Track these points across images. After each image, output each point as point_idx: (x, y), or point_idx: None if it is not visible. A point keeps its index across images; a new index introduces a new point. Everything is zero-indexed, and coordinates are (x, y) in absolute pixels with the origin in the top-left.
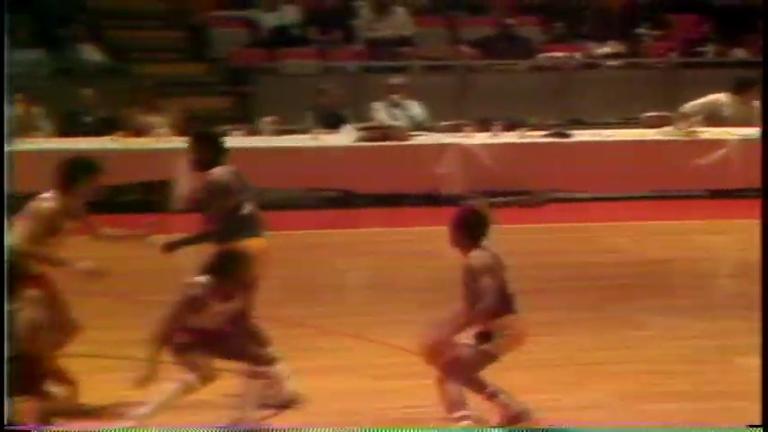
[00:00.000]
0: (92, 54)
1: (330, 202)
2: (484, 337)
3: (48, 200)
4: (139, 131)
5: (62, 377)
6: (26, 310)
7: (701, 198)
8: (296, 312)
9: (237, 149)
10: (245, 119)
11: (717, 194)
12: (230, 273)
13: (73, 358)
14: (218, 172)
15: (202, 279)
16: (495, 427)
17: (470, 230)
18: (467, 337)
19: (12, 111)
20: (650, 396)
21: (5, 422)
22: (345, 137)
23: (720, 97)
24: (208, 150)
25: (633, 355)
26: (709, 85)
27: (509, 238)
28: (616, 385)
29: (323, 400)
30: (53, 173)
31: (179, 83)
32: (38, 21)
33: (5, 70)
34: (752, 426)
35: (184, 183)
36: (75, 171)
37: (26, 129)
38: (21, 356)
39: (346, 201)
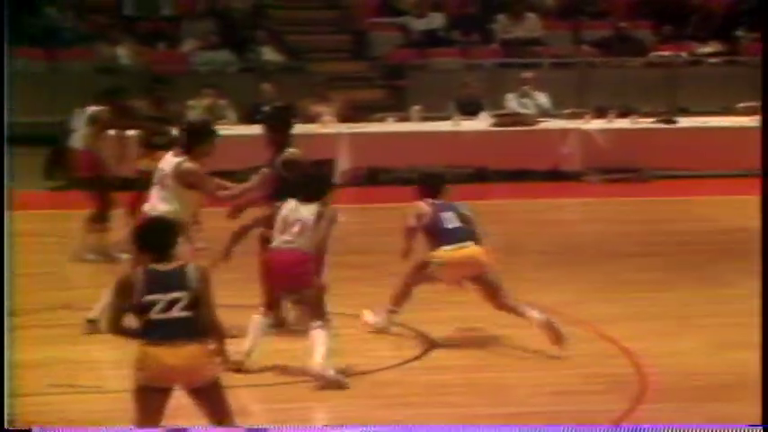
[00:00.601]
0: (271, 54)
1: (467, 177)
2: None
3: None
4: (311, 119)
5: None
6: None
7: None
8: None
9: (392, 133)
10: (399, 108)
11: None
12: None
13: None
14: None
15: None
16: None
17: None
18: None
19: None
20: (736, 345)
21: (5, 422)
22: (482, 122)
23: None
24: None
25: (723, 309)
26: None
27: (621, 209)
28: (709, 336)
29: (451, 346)
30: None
31: (344, 78)
32: (227, 27)
33: (5, 71)
34: (752, 426)
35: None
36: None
37: (213, 118)
38: None
39: (481, 176)
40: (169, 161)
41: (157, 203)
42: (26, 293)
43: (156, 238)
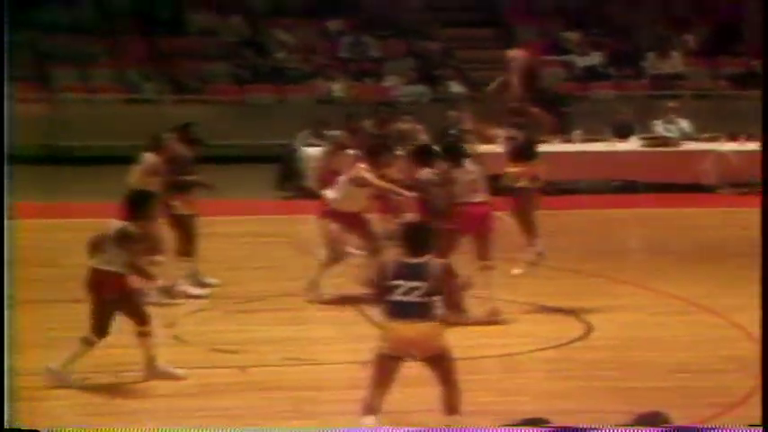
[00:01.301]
0: (457, 87)
1: (620, 189)
2: None
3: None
4: (488, 140)
5: None
6: None
7: None
8: (594, 266)
9: (557, 153)
10: (563, 131)
11: None
12: None
13: None
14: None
15: None
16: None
17: None
18: None
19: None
20: None
21: (5, 422)
22: (633, 144)
23: None
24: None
25: None
26: None
27: (748, 217)
28: None
29: (607, 329)
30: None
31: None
32: (422, 65)
33: (5, 71)
34: (752, 425)
35: None
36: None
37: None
38: None
39: (632, 188)
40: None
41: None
42: (258, 282)
43: (416, 237)
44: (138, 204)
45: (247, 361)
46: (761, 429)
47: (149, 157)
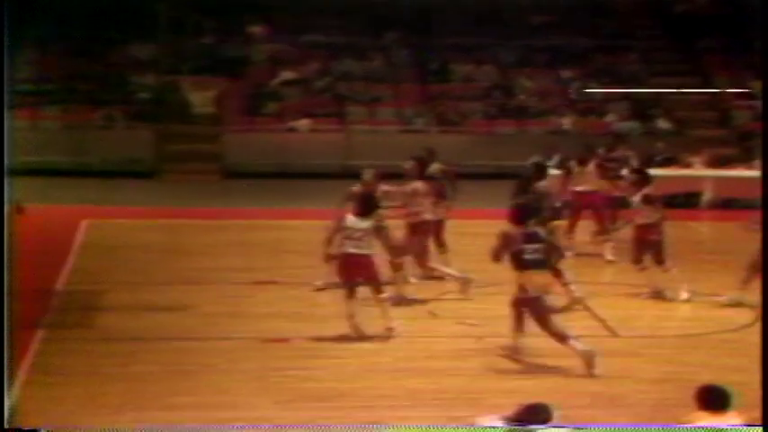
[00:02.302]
0: (663, 123)
1: None
2: None
3: None
4: (687, 166)
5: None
6: None
7: None
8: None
9: (742, 177)
10: (747, 160)
11: None
12: None
13: None
14: None
15: None
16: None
17: None
18: None
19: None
20: None
21: (5, 423)
22: None
23: None
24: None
25: None
26: None
27: None
28: None
29: None
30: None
31: (711, 140)
32: (636, 106)
33: (5, 72)
34: (752, 425)
35: None
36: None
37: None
38: None
39: None
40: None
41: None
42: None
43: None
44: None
45: (484, 332)
46: (761, 429)
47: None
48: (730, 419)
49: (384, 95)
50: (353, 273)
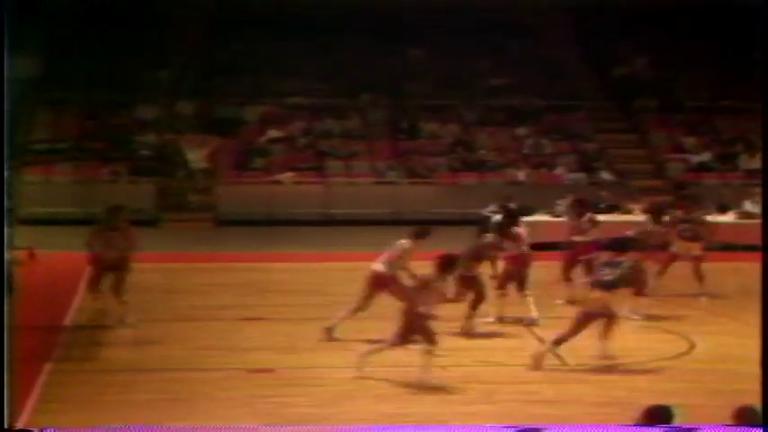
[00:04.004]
0: (607, 175)
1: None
2: None
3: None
4: (628, 212)
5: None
6: None
7: None
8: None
9: None
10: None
11: None
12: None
13: None
14: None
15: None
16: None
17: None
18: None
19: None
20: None
21: (5, 423)
22: (730, 217)
23: None
24: None
25: None
26: None
27: None
28: None
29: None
30: None
31: (648, 189)
32: (583, 159)
33: (5, 73)
34: (751, 425)
35: None
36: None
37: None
38: None
39: (730, 248)
40: None
41: None
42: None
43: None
44: None
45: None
46: (761, 429)
47: None
48: None
49: (360, 151)
50: None
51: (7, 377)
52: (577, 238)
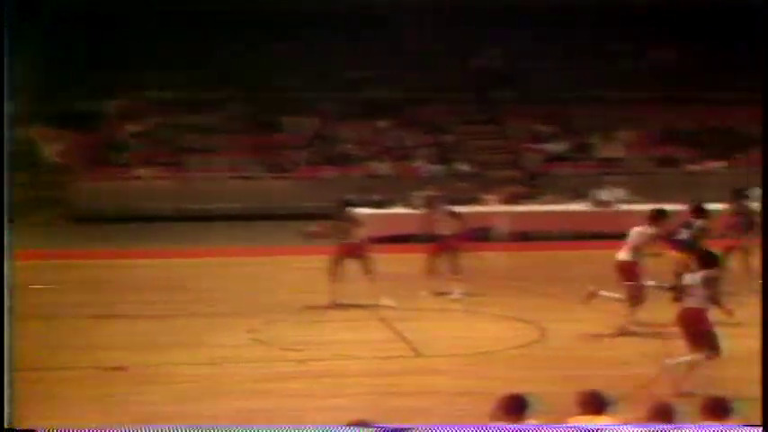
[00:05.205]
0: (463, 166)
1: (576, 237)
2: None
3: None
4: (484, 203)
5: None
6: None
7: None
8: (554, 290)
9: (533, 211)
10: (537, 197)
11: None
12: None
13: None
14: None
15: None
16: None
17: None
18: None
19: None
20: None
21: (5, 423)
22: (582, 205)
23: None
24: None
25: None
26: None
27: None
28: None
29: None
30: None
31: (507, 180)
32: (442, 151)
33: (5, 73)
34: (752, 425)
35: None
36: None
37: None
38: None
39: (583, 237)
40: None
41: None
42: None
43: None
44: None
45: (306, 357)
46: (761, 429)
47: None
48: (530, 422)
49: (220, 146)
50: None
51: (7, 377)
52: (444, 231)
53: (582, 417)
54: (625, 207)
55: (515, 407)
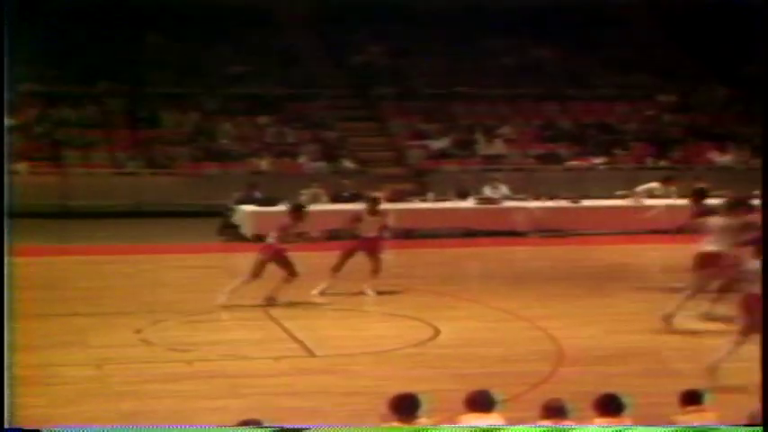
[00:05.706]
0: (349, 164)
1: (461, 234)
2: None
3: None
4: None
5: None
6: None
7: None
8: (444, 288)
9: (418, 209)
10: (421, 194)
11: None
12: None
13: None
14: None
15: None
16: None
17: None
18: None
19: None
20: (620, 332)
21: (5, 423)
22: (469, 203)
23: None
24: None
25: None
26: None
27: (551, 254)
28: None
29: (451, 332)
30: None
31: (391, 177)
32: (325, 148)
33: (5, 72)
34: (752, 425)
35: None
36: None
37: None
38: None
39: (469, 234)
40: None
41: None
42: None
43: None
44: None
45: (194, 357)
46: (761, 429)
47: None
48: (422, 422)
49: (98, 140)
50: None
51: (7, 377)
52: (366, 230)
53: (471, 415)
54: (510, 204)
55: (407, 406)
